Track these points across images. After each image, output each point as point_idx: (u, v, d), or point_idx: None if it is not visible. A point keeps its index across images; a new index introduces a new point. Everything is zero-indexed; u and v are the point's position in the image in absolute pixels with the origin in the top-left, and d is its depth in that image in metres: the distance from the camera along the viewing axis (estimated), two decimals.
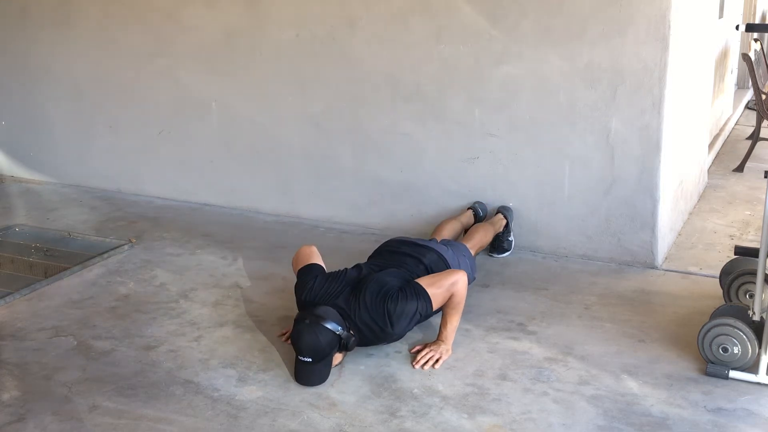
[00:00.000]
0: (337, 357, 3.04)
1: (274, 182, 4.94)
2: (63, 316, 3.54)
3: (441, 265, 3.45)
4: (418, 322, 3.19)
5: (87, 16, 5.25)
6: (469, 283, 3.63)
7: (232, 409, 2.79)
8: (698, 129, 4.98)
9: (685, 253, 4.24)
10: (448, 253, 3.54)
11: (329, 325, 2.93)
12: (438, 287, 3.12)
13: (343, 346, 2.99)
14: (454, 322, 3.18)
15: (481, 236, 3.96)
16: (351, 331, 3.02)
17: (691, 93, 4.52)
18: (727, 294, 3.40)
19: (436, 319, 3.35)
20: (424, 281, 3.14)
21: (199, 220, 4.91)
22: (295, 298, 3.25)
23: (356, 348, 3.17)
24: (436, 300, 3.11)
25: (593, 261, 4.13)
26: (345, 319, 3.03)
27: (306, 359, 2.92)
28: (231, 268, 4.11)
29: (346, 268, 3.31)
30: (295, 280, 3.30)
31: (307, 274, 3.25)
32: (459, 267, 3.53)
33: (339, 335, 2.95)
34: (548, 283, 3.88)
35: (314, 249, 3.41)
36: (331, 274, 3.25)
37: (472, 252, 3.78)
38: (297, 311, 3.15)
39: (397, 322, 3.05)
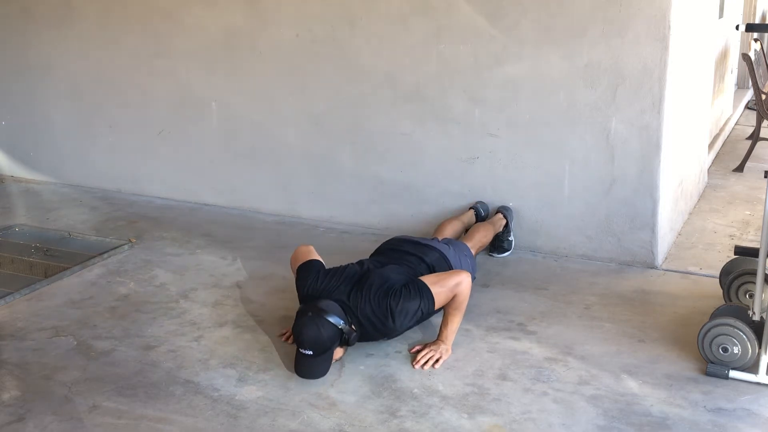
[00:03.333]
0: (338, 351, 3.04)
1: (274, 182, 4.94)
2: (63, 316, 3.54)
3: (443, 264, 3.46)
4: (420, 320, 3.20)
5: (87, 16, 5.25)
6: None
7: (232, 409, 2.79)
8: (698, 129, 4.98)
9: (685, 253, 4.24)
10: (449, 252, 3.55)
11: (331, 319, 2.94)
12: (441, 286, 3.12)
13: (345, 341, 3.00)
14: (455, 323, 3.18)
15: (482, 236, 3.97)
16: (352, 326, 3.03)
17: (691, 93, 4.52)
18: (727, 294, 3.40)
19: (436, 319, 3.35)
20: (428, 279, 3.14)
21: (199, 220, 4.91)
22: (297, 294, 3.25)
23: (356, 347, 3.17)
24: (439, 299, 3.11)
25: (593, 261, 4.13)
26: (347, 312, 3.03)
27: (307, 352, 2.92)
28: (231, 268, 4.11)
29: (349, 263, 3.31)
30: (293, 279, 3.30)
31: (308, 269, 3.25)
32: (461, 266, 3.54)
33: (341, 329, 2.96)
34: (548, 283, 3.88)
35: (311, 248, 3.42)
36: (332, 268, 3.26)
37: (473, 251, 3.79)
38: (298, 309, 3.14)
39: (399, 317, 3.05)
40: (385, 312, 3.05)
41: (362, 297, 3.07)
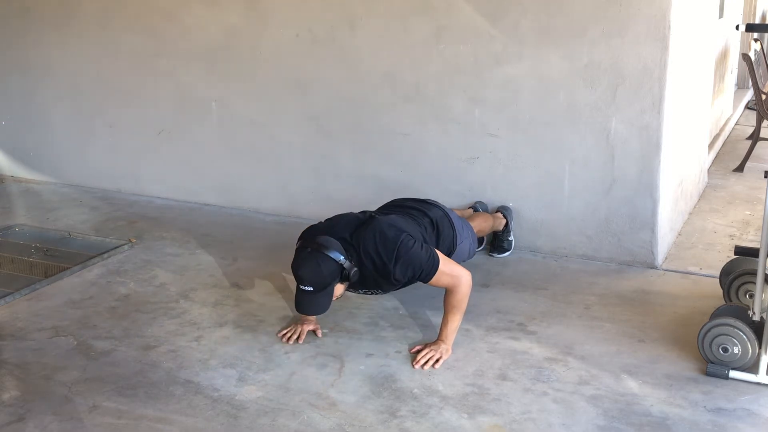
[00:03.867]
0: (339, 288, 3.02)
1: (274, 182, 4.94)
2: (63, 316, 3.54)
3: (445, 222, 3.49)
4: (410, 281, 3.17)
5: (87, 16, 5.25)
6: (468, 256, 3.71)
7: (232, 409, 2.79)
8: (698, 129, 4.98)
9: (685, 253, 4.24)
10: (452, 214, 3.59)
11: (331, 254, 2.93)
12: (447, 266, 3.11)
13: (345, 277, 2.99)
14: (455, 322, 3.17)
15: (481, 221, 3.98)
16: (353, 262, 3.02)
17: (691, 93, 4.52)
18: (727, 294, 3.40)
19: (436, 319, 3.35)
20: (439, 254, 3.14)
21: (199, 220, 4.91)
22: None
23: (356, 348, 3.17)
24: (440, 276, 3.10)
25: (593, 261, 4.13)
26: (348, 250, 3.02)
27: (307, 288, 2.92)
28: (231, 268, 4.11)
29: (351, 212, 3.32)
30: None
31: (308, 227, 3.27)
32: (462, 230, 3.59)
33: (341, 264, 2.94)
34: (548, 283, 3.88)
35: None
36: (334, 216, 3.26)
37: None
38: (296, 247, 3.13)
39: (400, 265, 3.03)
40: (391, 254, 3.02)
41: (368, 233, 3.05)
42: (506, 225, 4.19)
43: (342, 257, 2.95)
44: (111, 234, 4.61)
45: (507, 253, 4.23)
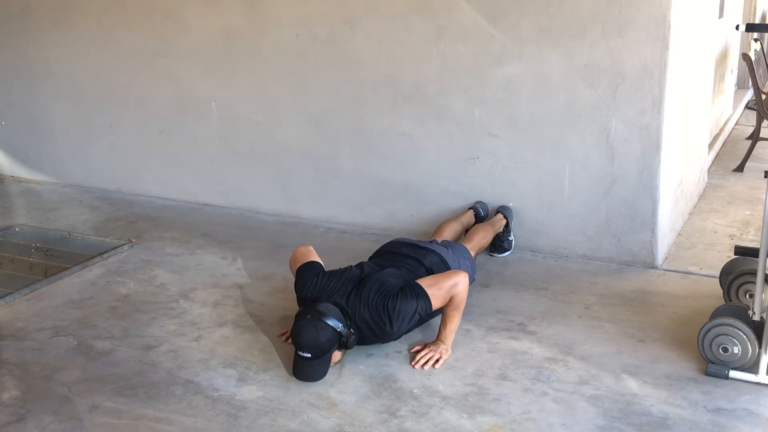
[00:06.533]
0: (336, 355, 3.04)
1: (274, 182, 4.94)
2: (63, 316, 3.54)
3: (442, 268, 3.45)
4: (418, 323, 3.19)
5: (87, 16, 5.25)
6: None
7: (232, 409, 2.79)
8: (698, 129, 4.98)
9: (685, 253, 4.24)
10: (448, 255, 3.55)
11: (330, 322, 2.94)
12: (438, 288, 3.11)
13: (343, 344, 3.00)
14: (454, 322, 3.18)
15: (481, 237, 3.97)
16: (351, 329, 3.03)
17: (691, 93, 4.52)
18: (727, 294, 3.40)
19: (436, 320, 3.35)
20: (424, 282, 3.14)
21: (199, 220, 4.91)
22: (295, 296, 3.25)
23: (356, 348, 3.17)
24: (436, 301, 3.11)
25: (593, 261, 4.13)
26: (345, 316, 3.04)
27: (305, 355, 2.93)
28: (231, 268, 4.11)
29: (349, 266, 3.31)
30: (293, 279, 3.30)
31: (308, 271, 3.25)
32: (459, 268, 3.54)
33: (339, 332, 2.96)
34: (548, 283, 3.88)
35: (311, 248, 3.42)
36: (332, 271, 3.25)
37: (472, 253, 3.78)
38: (297, 310, 3.15)
39: (396, 321, 3.05)
40: (383, 316, 3.04)
41: (360, 301, 3.07)
42: (506, 225, 4.19)
43: (341, 325, 2.97)
44: (111, 234, 4.61)
45: (507, 253, 4.23)
